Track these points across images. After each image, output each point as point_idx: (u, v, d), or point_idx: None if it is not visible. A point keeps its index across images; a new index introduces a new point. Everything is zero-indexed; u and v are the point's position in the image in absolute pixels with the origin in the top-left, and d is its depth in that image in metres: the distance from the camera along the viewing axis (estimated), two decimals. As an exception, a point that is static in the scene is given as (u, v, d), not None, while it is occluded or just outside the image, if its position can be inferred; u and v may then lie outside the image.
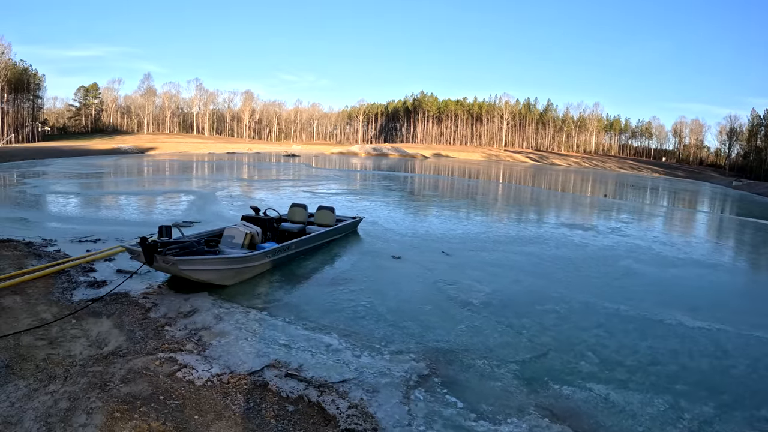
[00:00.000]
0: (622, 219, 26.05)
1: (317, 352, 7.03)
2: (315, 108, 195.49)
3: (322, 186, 33.05)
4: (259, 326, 7.86)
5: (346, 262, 12.44)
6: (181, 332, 7.43)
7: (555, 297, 10.54)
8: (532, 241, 16.79)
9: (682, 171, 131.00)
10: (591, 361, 7.52)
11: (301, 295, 9.71)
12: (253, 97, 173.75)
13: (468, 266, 12.74)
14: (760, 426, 6.02)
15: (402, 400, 5.91)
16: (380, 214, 20.94)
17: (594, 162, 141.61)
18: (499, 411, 5.87)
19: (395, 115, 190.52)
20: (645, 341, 8.48)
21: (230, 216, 17.68)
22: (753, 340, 8.99)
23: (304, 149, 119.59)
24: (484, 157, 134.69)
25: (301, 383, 6.08)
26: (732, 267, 16.04)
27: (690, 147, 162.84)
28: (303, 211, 14.59)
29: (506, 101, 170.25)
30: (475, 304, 9.76)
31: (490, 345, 7.83)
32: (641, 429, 5.74)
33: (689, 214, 34.76)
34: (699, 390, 6.85)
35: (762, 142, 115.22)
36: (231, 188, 28.80)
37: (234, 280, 9.84)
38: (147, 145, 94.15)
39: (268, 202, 21.14)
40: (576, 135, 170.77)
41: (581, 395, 6.42)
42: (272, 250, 10.82)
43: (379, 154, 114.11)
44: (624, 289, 11.64)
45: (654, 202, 42.16)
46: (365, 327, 8.18)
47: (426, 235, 16.71)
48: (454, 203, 28.25)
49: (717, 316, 10.06)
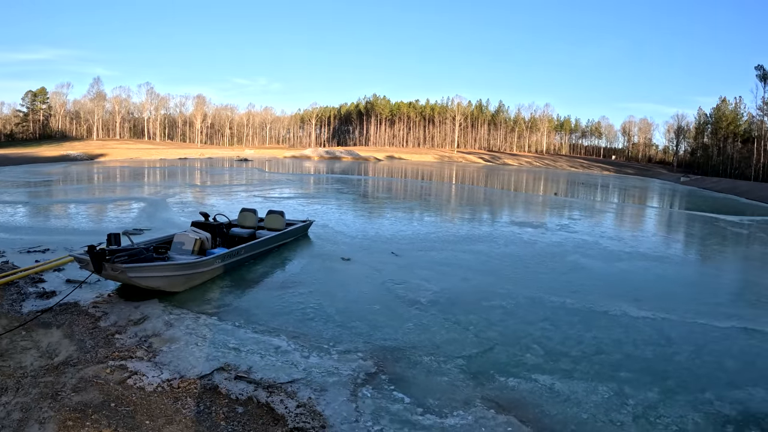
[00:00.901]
0: (571, 216, 26.78)
1: (266, 354, 7.11)
2: (267, 112, 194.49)
3: (274, 190, 32.86)
4: (209, 331, 7.89)
5: (295, 266, 12.47)
6: (131, 340, 7.44)
7: (502, 293, 10.77)
8: (481, 240, 17.08)
9: (631, 168, 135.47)
10: (536, 353, 7.72)
11: (251, 299, 9.75)
12: (205, 101, 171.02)
13: (417, 266, 12.88)
14: (704, 408, 6.30)
15: (350, 397, 6.02)
16: (331, 217, 20.97)
17: (545, 161, 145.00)
18: (446, 404, 6.02)
19: (348, 118, 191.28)
20: (590, 332, 8.75)
21: (181, 222, 17.43)
22: (696, 328, 9.39)
23: (257, 153, 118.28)
24: (436, 158, 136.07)
25: (250, 385, 6.19)
26: (678, 259, 16.65)
27: (639, 145, 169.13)
28: (253, 215, 14.65)
29: (458, 103, 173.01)
30: (423, 302, 9.90)
31: (437, 341, 7.97)
32: (586, 416, 5.94)
33: (638, 209, 35.95)
34: (643, 377, 7.12)
35: (708, 139, 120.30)
36: (182, 194, 28.32)
37: (184, 286, 9.84)
38: (97, 151, 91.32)
39: (219, 208, 20.91)
40: (527, 135, 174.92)
41: (526, 386, 6.60)
42: (222, 255, 10.84)
43: (332, 158, 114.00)
44: (570, 284, 11.98)
45: (604, 199, 43.41)
46: (314, 328, 8.27)
47: (376, 236, 16.82)
48: (405, 205, 28.47)
49: (661, 306, 10.47)
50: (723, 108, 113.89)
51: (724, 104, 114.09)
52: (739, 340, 8.90)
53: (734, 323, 9.74)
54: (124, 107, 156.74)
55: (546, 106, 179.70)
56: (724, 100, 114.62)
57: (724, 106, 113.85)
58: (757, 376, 7.43)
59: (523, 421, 5.73)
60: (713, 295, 12.14)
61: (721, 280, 14.32)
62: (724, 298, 11.88)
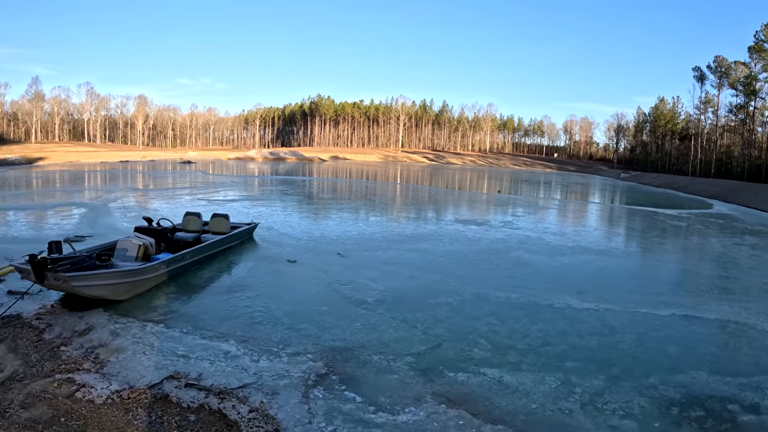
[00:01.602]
0: (515, 213, 27.38)
1: (216, 360, 7.00)
2: (211, 113, 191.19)
3: (218, 193, 32.27)
4: (157, 339, 7.70)
5: (241, 269, 12.31)
6: (77, 351, 7.19)
7: (448, 290, 10.90)
8: (426, 238, 17.23)
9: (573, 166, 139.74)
10: (484, 347, 7.84)
11: (197, 304, 9.55)
12: (147, 101, 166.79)
13: (363, 266, 12.89)
14: (649, 393, 6.57)
15: (301, 399, 6.00)
16: (276, 219, 20.75)
17: (489, 160, 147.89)
18: (397, 402, 6.06)
19: (292, 118, 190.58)
20: (535, 325, 8.96)
21: (123, 228, 16.89)
22: (638, 317, 9.76)
23: (201, 155, 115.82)
24: (381, 158, 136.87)
25: (201, 392, 6.09)
26: (619, 252, 17.24)
27: (580, 143, 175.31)
28: (197, 219, 14.38)
29: (403, 103, 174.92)
30: (370, 302, 9.92)
31: (386, 340, 8.00)
32: (535, 406, 6.08)
33: (580, 205, 37.02)
34: (589, 365, 7.35)
35: (647, 137, 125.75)
36: (124, 199, 27.43)
37: (129, 293, 9.59)
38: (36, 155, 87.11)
39: (163, 212, 20.38)
40: (471, 134, 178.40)
41: (476, 380, 6.69)
42: (167, 260, 10.64)
43: (277, 159, 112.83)
44: (515, 279, 12.24)
45: (546, 196, 44.56)
46: (262, 332, 8.18)
47: (322, 237, 16.75)
48: (350, 205, 28.45)
49: (604, 298, 10.83)
50: (661, 107, 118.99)
51: (662, 103, 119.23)
52: (680, 327, 9.29)
53: (674, 311, 10.17)
54: (64, 108, 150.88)
55: (489, 106, 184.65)
56: (662, 100, 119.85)
57: (662, 105, 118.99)
58: (698, 360, 7.78)
59: (474, 414, 5.81)
60: (654, 285, 12.65)
61: (661, 271, 14.91)
62: (664, 288, 12.39)
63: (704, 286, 12.83)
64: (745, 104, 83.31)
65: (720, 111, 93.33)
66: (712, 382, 6.98)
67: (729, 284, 13.21)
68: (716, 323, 9.71)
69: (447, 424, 5.61)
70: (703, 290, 12.30)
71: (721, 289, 12.62)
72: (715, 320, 9.86)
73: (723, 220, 30.17)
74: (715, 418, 6.06)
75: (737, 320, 9.93)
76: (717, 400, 6.48)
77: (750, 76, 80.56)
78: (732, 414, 6.17)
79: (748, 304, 11.08)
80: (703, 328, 9.35)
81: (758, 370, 7.59)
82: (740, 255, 17.79)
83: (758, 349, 8.56)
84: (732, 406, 6.33)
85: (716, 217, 31.82)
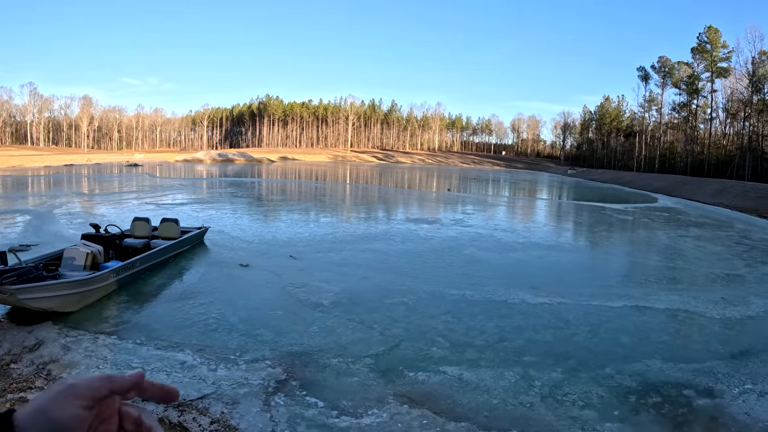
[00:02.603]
0: (465, 211, 27.72)
1: (172, 371, 6.83)
2: (158, 113, 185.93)
3: (167, 197, 31.52)
4: (110, 351, 7.47)
5: (193, 275, 12.07)
6: (28, 368, 6.88)
7: (403, 290, 10.95)
8: (379, 238, 17.26)
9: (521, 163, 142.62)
10: (442, 346, 7.91)
11: (150, 313, 9.32)
12: (92, 102, 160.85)
13: (316, 268, 12.83)
14: (606, 382, 6.78)
15: (263, 407, 5.92)
16: (227, 222, 20.42)
17: (438, 159, 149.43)
18: (360, 405, 6.05)
19: (241, 119, 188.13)
20: (491, 321, 9.10)
21: (70, 235, 16.28)
22: (592, 309, 10.04)
23: (147, 158, 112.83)
24: (330, 158, 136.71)
25: (159, 406, 5.90)
26: (569, 246, 17.69)
27: (528, 141, 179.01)
28: (146, 224, 14.02)
29: (351, 102, 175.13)
30: (326, 304, 9.87)
31: (344, 342, 7.98)
32: (496, 401, 6.17)
33: (529, 202, 37.78)
34: (546, 359, 7.51)
35: (593, 134, 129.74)
36: (70, 205, 26.42)
37: (79, 305, 9.26)
38: None
39: (110, 218, 19.69)
40: (420, 133, 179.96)
41: (436, 379, 6.74)
42: (116, 269, 10.33)
43: (225, 160, 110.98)
44: (469, 276, 12.40)
45: (496, 193, 45.30)
46: (218, 339, 8.03)
47: (273, 240, 16.58)
48: (301, 206, 28.28)
49: (557, 292, 11.09)
50: (607, 105, 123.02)
51: (608, 102, 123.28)
52: (632, 318, 9.61)
53: (626, 302, 10.51)
54: (5, 110, 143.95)
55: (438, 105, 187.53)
56: (607, 98, 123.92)
57: (607, 103, 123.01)
58: (652, 348, 8.06)
59: (436, 413, 5.86)
60: (605, 278, 13.02)
61: (611, 264, 15.37)
62: (615, 280, 12.76)
63: (653, 277, 13.29)
64: (688, 102, 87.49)
65: (663, 109, 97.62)
66: (667, 369, 7.25)
67: (676, 274, 13.71)
68: (667, 312, 10.08)
69: (411, 424, 5.64)
70: (652, 281, 12.73)
71: (669, 279, 13.09)
72: (666, 310, 10.23)
73: (668, 213, 31.31)
74: (672, 403, 6.29)
75: (687, 309, 10.34)
76: (672, 386, 6.73)
77: (693, 75, 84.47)
78: (687, 399, 6.42)
79: (696, 293, 11.54)
80: (654, 318, 9.69)
81: (710, 355, 7.91)
82: (686, 246, 18.48)
83: (708, 335, 8.93)
84: (687, 391, 6.59)
85: (661, 210, 33.00)
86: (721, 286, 12.64)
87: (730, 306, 10.71)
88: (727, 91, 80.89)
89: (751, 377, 7.16)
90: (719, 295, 11.54)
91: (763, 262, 15.99)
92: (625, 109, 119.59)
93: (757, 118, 71.64)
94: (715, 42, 79.10)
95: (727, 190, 45.97)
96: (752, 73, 70.04)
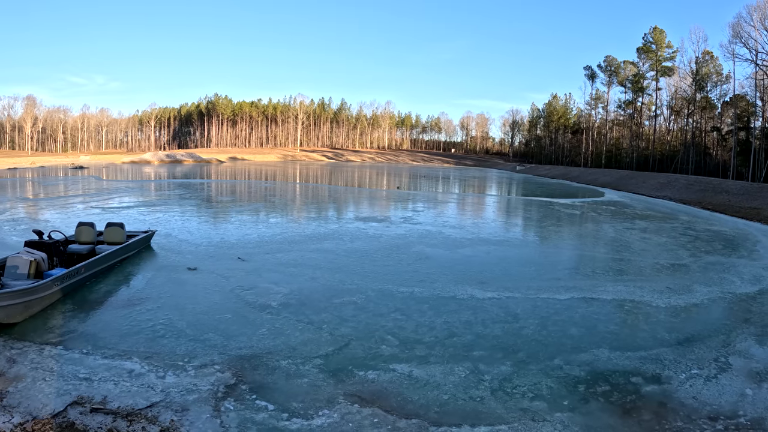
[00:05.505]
0: (414, 208, 27.89)
1: (120, 380, 6.64)
2: (104, 114, 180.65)
3: (113, 200, 30.60)
4: (57, 363, 7.21)
5: (140, 280, 11.77)
6: None
7: (352, 289, 10.95)
8: (327, 238, 17.19)
9: (470, 160, 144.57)
10: (391, 343, 7.92)
11: (96, 321, 9.02)
12: (35, 102, 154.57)
13: (264, 269, 12.70)
14: (555, 373, 6.91)
15: (213, 413, 5.82)
16: (174, 225, 19.98)
17: (388, 157, 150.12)
18: (310, 406, 6.00)
19: (189, 119, 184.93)
20: (440, 317, 9.17)
21: (12, 243, 15.61)
22: (540, 302, 10.24)
23: (93, 160, 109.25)
24: (280, 158, 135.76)
25: (108, 416, 5.77)
26: (518, 241, 17.98)
27: (477, 138, 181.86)
28: (91, 230, 13.61)
29: (301, 101, 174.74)
30: (274, 306, 9.77)
31: (293, 344, 7.90)
32: (446, 397, 6.20)
33: (478, 198, 38.28)
34: (495, 353, 7.61)
35: (541, 131, 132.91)
36: (12, 210, 25.33)
37: (23, 315, 8.93)
38: None
39: (54, 224, 19.02)
40: (370, 132, 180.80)
41: (386, 377, 6.74)
42: (61, 276, 10.03)
43: (173, 161, 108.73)
44: (417, 273, 12.49)
45: (445, 190, 45.68)
46: (166, 346, 7.84)
47: (221, 242, 16.32)
48: (250, 207, 27.92)
49: (505, 286, 11.28)
50: (554, 103, 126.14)
51: (555, 100, 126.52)
52: (580, 309, 9.83)
53: (574, 294, 10.75)
54: None
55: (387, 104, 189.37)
56: (555, 96, 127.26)
57: (555, 101, 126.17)
58: (599, 339, 8.26)
59: (387, 411, 5.85)
60: (552, 271, 13.26)
61: (559, 257, 15.67)
62: (562, 273, 13.04)
63: (600, 269, 13.63)
64: (633, 100, 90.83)
65: (609, 106, 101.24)
66: (615, 358, 7.44)
67: (623, 266, 14.09)
68: (614, 303, 10.35)
69: (362, 423, 5.62)
70: (599, 273, 13.06)
71: (616, 271, 13.45)
72: (613, 300, 10.52)
73: (614, 206, 32.20)
74: (620, 391, 6.45)
75: (633, 299, 10.65)
76: (620, 374, 6.91)
77: (638, 74, 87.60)
78: (636, 386, 6.60)
79: (642, 283, 11.90)
80: (601, 309, 9.93)
81: (656, 343, 8.17)
82: (632, 238, 19.03)
83: (654, 324, 9.20)
84: (635, 379, 6.78)
85: (608, 204, 33.91)
86: (667, 276, 13.06)
87: (675, 295, 11.09)
88: (671, 89, 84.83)
89: (698, 362, 7.42)
90: (664, 285, 11.93)
91: (706, 252, 16.60)
92: (572, 106, 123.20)
93: (700, 114, 75.43)
94: (660, 42, 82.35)
95: (671, 183, 47.62)
96: (696, 72, 73.07)
